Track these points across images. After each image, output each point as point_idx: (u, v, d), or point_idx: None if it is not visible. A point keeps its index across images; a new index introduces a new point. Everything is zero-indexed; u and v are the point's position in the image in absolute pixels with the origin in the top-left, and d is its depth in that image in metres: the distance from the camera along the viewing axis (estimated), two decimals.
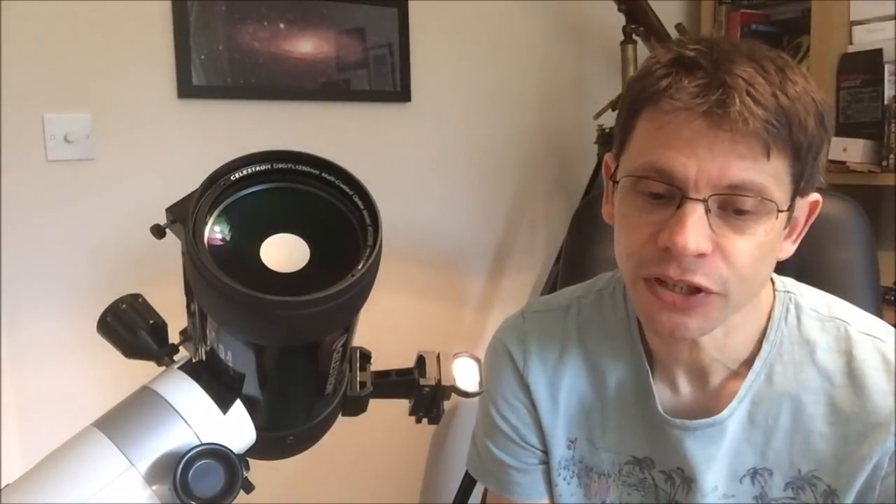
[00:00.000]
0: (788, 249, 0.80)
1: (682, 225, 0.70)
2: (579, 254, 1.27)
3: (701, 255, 0.71)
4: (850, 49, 1.92)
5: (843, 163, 1.89)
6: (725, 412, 0.82)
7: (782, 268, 0.88)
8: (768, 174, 0.70)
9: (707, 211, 0.70)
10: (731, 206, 0.71)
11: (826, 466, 0.80)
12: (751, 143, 0.69)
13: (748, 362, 0.83)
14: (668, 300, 0.74)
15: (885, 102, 1.83)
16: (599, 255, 1.18)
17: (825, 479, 0.80)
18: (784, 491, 0.82)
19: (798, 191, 0.74)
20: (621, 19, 1.96)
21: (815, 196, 0.79)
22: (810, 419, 0.80)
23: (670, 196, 0.72)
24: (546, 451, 0.94)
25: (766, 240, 0.73)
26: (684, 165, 0.70)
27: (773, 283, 0.85)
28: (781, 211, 0.72)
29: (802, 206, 0.78)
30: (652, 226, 0.73)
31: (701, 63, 0.71)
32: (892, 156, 1.82)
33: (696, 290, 0.73)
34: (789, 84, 0.71)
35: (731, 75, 0.70)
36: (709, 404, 0.84)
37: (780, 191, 0.72)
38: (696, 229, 0.70)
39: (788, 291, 0.84)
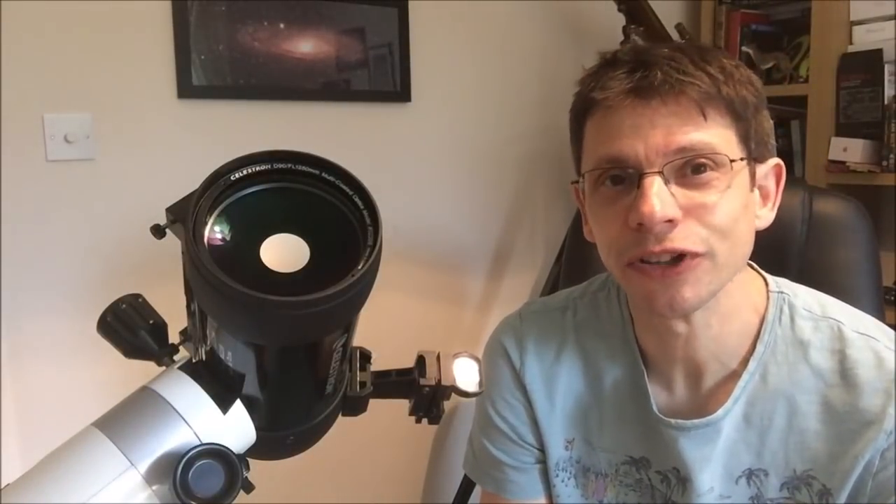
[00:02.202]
0: (767, 217, 0.82)
1: (644, 197, 0.73)
2: (580, 253, 1.27)
3: (671, 222, 0.73)
4: (850, 49, 1.92)
5: (843, 163, 1.89)
6: (720, 412, 0.82)
7: (784, 267, 0.88)
8: (712, 132, 0.74)
9: (666, 182, 0.74)
10: (687, 171, 0.74)
11: (821, 465, 0.80)
12: (685, 106, 0.74)
13: (742, 362, 0.83)
14: (656, 274, 0.75)
15: (885, 102, 1.83)
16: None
17: (820, 479, 0.80)
18: (780, 491, 0.82)
19: (751, 153, 0.78)
20: (621, 19, 1.95)
21: (776, 160, 0.82)
22: (805, 419, 0.81)
23: (630, 180, 0.75)
24: (542, 450, 0.95)
25: (732, 195, 0.75)
26: (632, 147, 0.74)
27: (766, 283, 0.86)
28: (734, 160, 0.75)
29: (766, 171, 0.81)
30: (621, 213, 0.76)
31: (623, 58, 0.78)
32: (892, 156, 1.82)
33: (680, 257, 0.75)
34: (711, 58, 0.77)
35: (652, 56, 0.76)
36: (704, 405, 0.84)
37: (728, 148, 0.75)
38: (659, 197, 0.72)
39: (782, 292, 0.85)
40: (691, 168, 0.74)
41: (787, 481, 0.82)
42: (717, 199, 0.74)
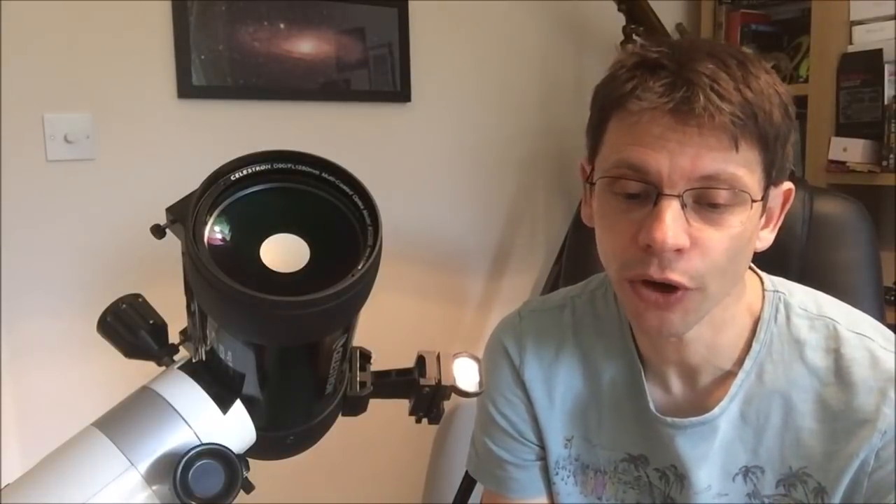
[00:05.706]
0: (767, 238, 0.81)
1: (660, 221, 0.71)
2: (580, 254, 1.27)
3: (679, 251, 0.72)
4: (850, 49, 1.92)
5: (843, 163, 1.89)
6: (716, 411, 0.83)
7: (785, 267, 0.88)
8: (739, 165, 0.72)
9: (683, 206, 0.72)
10: (706, 200, 0.73)
11: (816, 463, 0.80)
12: (719, 136, 0.71)
13: (738, 362, 0.83)
14: (650, 300, 0.75)
15: (885, 102, 1.83)
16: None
17: (815, 476, 0.81)
18: (776, 488, 0.83)
19: (770, 181, 0.76)
20: (621, 19, 1.96)
21: (788, 185, 0.81)
22: (800, 417, 0.81)
23: (646, 195, 0.74)
24: (543, 448, 0.95)
25: (742, 231, 0.74)
26: (657, 161, 0.72)
27: (762, 282, 0.86)
28: (755, 201, 0.74)
29: (776, 195, 0.80)
30: (631, 226, 0.74)
31: (664, 63, 0.73)
32: (892, 156, 1.82)
33: (674, 288, 0.74)
34: (752, 78, 0.73)
35: (695, 73, 0.71)
36: (701, 403, 0.85)
37: (752, 181, 0.73)
38: (673, 224, 0.71)
39: (777, 291, 0.85)
40: (710, 200, 0.72)
41: (783, 478, 0.82)
42: (726, 235, 0.73)
